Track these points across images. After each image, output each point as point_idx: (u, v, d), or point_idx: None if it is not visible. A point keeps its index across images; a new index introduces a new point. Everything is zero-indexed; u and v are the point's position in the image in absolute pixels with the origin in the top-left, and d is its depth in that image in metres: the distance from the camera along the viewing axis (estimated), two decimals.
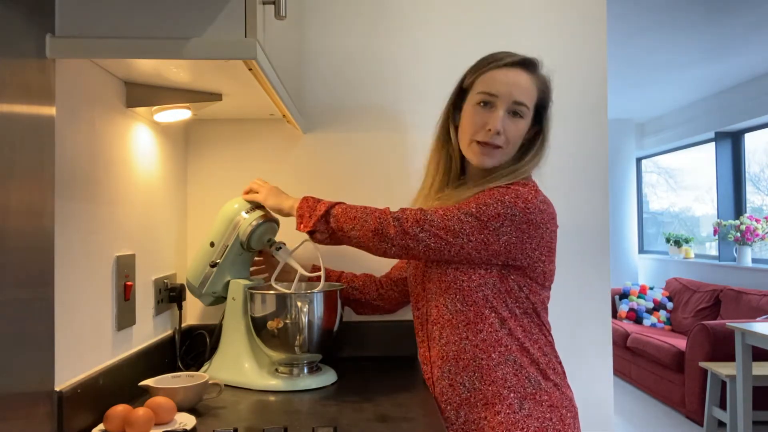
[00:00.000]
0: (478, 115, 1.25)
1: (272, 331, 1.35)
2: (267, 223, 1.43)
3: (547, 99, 1.29)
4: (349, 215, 1.26)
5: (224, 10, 0.97)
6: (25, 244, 0.88)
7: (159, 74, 1.18)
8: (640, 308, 5.60)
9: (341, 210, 1.27)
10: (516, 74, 1.24)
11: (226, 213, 1.44)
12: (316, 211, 1.28)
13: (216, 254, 1.43)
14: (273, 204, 1.38)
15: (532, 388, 1.20)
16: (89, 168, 1.12)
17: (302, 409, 1.22)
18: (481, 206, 1.19)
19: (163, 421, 1.06)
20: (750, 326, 3.39)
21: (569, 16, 1.74)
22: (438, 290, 1.27)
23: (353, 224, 1.25)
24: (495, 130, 1.22)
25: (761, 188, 5.74)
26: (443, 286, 1.26)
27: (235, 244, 1.43)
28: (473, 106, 1.26)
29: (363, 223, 1.24)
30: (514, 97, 1.23)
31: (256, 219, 1.41)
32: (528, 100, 1.24)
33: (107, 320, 1.19)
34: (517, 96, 1.23)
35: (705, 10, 3.70)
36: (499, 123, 1.22)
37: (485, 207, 1.19)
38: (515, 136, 1.25)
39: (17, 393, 0.86)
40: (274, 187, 1.42)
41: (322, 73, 1.71)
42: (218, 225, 1.44)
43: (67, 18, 0.96)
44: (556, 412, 1.20)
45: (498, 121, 1.22)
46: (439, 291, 1.27)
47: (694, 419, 4.21)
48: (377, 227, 1.22)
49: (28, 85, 0.90)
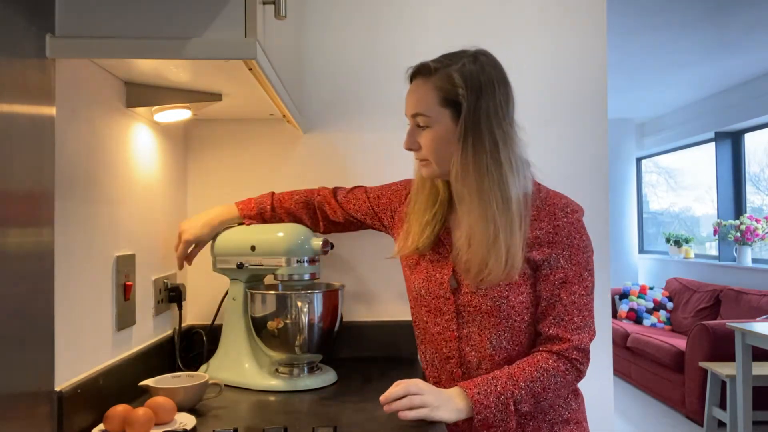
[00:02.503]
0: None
1: (272, 331, 1.35)
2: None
3: (455, 92, 1.16)
4: (535, 393, 1.13)
5: (224, 10, 0.97)
6: (25, 243, 0.88)
7: (159, 74, 1.18)
8: (640, 308, 5.60)
9: (528, 394, 1.13)
10: (413, 87, 1.22)
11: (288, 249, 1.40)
12: (507, 414, 1.12)
13: (249, 262, 1.42)
14: (446, 417, 1.10)
15: (566, 413, 1.22)
16: (89, 168, 1.12)
17: (302, 409, 1.22)
18: (586, 272, 1.19)
19: (163, 421, 1.06)
20: (750, 326, 3.39)
21: (569, 16, 1.74)
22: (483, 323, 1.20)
23: (546, 396, 1.14)
24: (404, 147, 1.24)
25: (761, 188, 5.74)
26: (492, 321, 1.19)
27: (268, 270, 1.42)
28: None
29: (556, 389, 1.15)
30: (410, 112, 1.22)
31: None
32: (423, 107, 1.18)
33: (107, 320, 1.18)
34: (411, 110, 1.21)
35: (705, 10, 3.69)
36: (406, 141, 1.23)
37: (588, 271, 1.19)
38: (429, 147, 1.20)
39: (17, 393, 0.86)
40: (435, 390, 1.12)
41: (322, 73, 1.71)
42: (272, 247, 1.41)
43: (67, 18, 0.96)
44: (581, 427, 1.24)
45: (406, 139, 1.23)
46: (485, 325, 1.20)
47: (694, 419, 4.21)
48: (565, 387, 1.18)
49: (28, 85, 0.90)
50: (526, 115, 1.74)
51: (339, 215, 1.48)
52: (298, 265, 1.39)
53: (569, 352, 1.15)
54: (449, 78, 1.17)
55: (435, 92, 1.17)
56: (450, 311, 1.23)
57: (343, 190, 1.51)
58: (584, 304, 1.17)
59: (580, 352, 1.16)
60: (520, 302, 1.18)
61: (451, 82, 1.17)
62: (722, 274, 5.40)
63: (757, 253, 5.35)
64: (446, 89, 1.17)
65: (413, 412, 1.06)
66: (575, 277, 1.17)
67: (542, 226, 1.18)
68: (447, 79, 1.17)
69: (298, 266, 1.39)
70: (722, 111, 5.62)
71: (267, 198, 1.50)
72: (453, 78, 1.17)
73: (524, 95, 1.74)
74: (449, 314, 1.24)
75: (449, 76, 1.17)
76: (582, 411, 1.27)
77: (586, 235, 1.21)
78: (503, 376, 1.13)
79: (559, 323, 1.16)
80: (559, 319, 1.16)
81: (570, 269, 1.17)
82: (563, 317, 1.16)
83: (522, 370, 1.14)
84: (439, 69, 1.18)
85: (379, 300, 1.70)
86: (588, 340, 1.17)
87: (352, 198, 1.47)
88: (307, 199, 1.49)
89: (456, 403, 1.10)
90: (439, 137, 1.19)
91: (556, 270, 1.17)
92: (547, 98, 1.74)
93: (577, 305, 1.16)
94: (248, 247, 1.41)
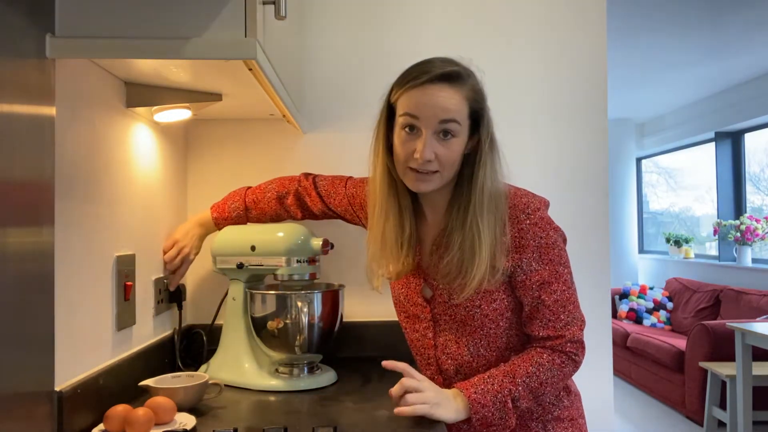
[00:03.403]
0: (407, 141, 1.12)
1: (272, 331, 1.35)
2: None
3: (480, 106, 1.15)
4: (532, 388, 1.13)
5: (224, 10, 0.97)
6: (25, 244, 0.88)
7: (159, 74, 1.18)
8: (640, 308, 5.60)
9: (525, 389, 1.12)
10: (436, 91, 1.10)
11: (288, 249, 1.40)
12: (506, 412, 1.11)
13: (249, 262, 1.42)
14: (445, 416, 1.09)
15: (557, 411, 1.21)
16: (89, 168, 1.11)
17: (302, 409, 1.21)
18: (560, 267, 1.16)
19: (163, 421, 1.06)
20: (750, 326, 3.39)
21: (569, 16, 1.74)
22: (459, 331, 1.20)
23: (544, 390, 1.14)
24: (423, 158, 1.10)
25: (761, 188, 5.73)
26: (467, 330, 1.19)
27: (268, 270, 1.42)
28: (401, 130, 1.14)
29: (553, 382, 1.14)
30: (440, 117, 1.09)
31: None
32: (457, 114, 1.11)
33: (107, 320, 1.18)
34: (443, 115, 1.09)
35: (705, 10, 3.69)
36: (426, 151, 1.09)
37: (562, 265, 1.16)
38: (449, 159, 1.12)
39: (17, 393, 0.86)
40: (436, 390, 1.12)
41: (322, 73, 1.71)
42: (272, 247, 1.41)
43: (67, 18, 0.96)
44: (576, 424, 1.23)
45: (425, 149, 1.09)
46: (461, 333, 1.20)
47: (694, 419, 4.21)
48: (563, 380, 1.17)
49: (28, 85, 0.90)
50: (526, 115, 1.75)
51: (317, 208, 1.48)
52: (298, 265, 1.39)
53: (563, 346, 1.15)
54: (475, 90, 1.14)
55: (466, 102, 1.12)
56: (426, 319, 1.24)
57: (323, 181, 1.48)
58: (567, 299, 1.16)
59: (575, 344, 1.15)
60: (493, 309, 1.17)
61: (479, 95, 1.15)
62: (722, 274, 5.40)
63: (757, 253, 5.35)
64: (476, 102, 1.14)
65: (409, 408, 1.05)
66: (551, 276, 1.15)
67: (507, 231, 1.15)
68: (474, 91, 1.14)
69: (298, 266, 1.39)
70: (722, 111, 5.62)
71: (240, 202, 1.50)
72: (479, 90, 1.15)
73: (524, 95, 1.75)
74: (426, 322, 1.24)
75: (476, 88, 1.14)
76: (577, 408, 1.25)
77: (552, 229, 1.17)
78: (499, 374, 1.13)
79: (547, 325, 1.15)
80: (546, 321, 1.15)
81: (544, 269, 1.15)
82: (550, 318, 1.15)
83: (518, 366, 1.13)
84: (466, 79, 1.13)
85: (379, 300, 1.70)
86: (579, 330, 1.16)
87: (333, 192, 1.46)
88: (280, 194, 1.49)
89: (456, 403, 1.10)
90: (457, 151, 1.14)
91: (531, 273, 1.15)
92: (547, 98, 1.74)
93: (560, 302, 1.15)
94: (248, 247, 1.41)
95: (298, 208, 1.49)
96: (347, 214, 1.46)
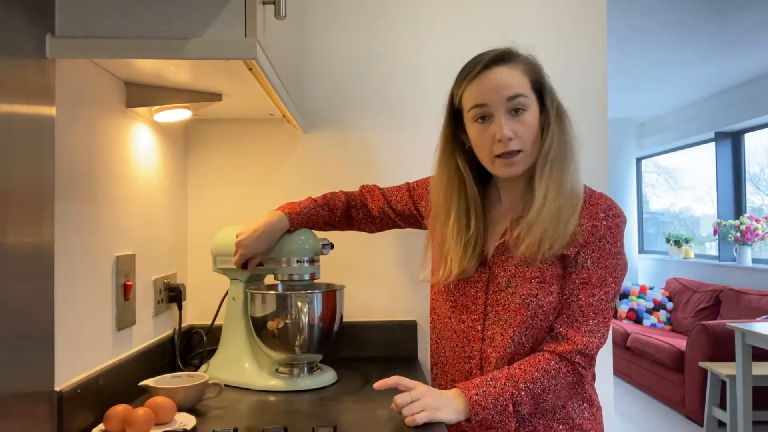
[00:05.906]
0: (483, 131, 1.15)
1: (272, 331, 1.35)
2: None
3: (540, 76, 1.18)
4: (535, 394, 1.11)
5: (224, 10, 0.97)
6: (25, 244, 0.88)
7: (159, 74, 1.18)
8: (640, 308, 5.60)
9: (527, 395, 1.11)
10: (495, 74, 1.14)
11: (288, 249, 1.40)
12: (506, 416, 1.10)
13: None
14: (446, 417, 1.09)
15: (579, 420, 1.17)
16: (89, 168, 1.12)
17: (302, 409, 1.22)
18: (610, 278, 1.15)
19: (163, 421, 1.06)
20: (750, 326, 3.39)
21: (569, 16, 1.74)
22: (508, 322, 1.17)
23: (546, 397, 1.12)
24: (504, 137, 1.12)
25: (761, 188, 5.73)
26: (518, 319, 1.16)
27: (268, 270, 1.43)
28: (473, 125, 1.17)
29: (556, 390, 1.12)
30: (505, 95, 1.12)
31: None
32: (521, 89, 1.14)
33: (107, 320, 1.18)
34: (507, 93, 1.13)
35: (705, 10, 3.69)
36: (505, 129, 1.12)
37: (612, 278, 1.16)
38: (528, 133, 1.14)
39: (17, 393, 0.86)
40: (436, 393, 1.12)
41: (322, 73, 1.71)
42: (279, 251, 1.40)
43: (67, 18, 0.96)
44: None
45: (502, 128, 1.12)
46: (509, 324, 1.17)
47: (694, 419, 4.21)
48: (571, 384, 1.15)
49: (28, 85, 0.90)
50: None
51: (377, 206, 1.44)
52: (298, 265, 1.39)
53: (572, 356, 1.11)
54: (531, 63, 1.18)
55: (525, 76, 1.15)
56: (478, 311, 1.20)
57: (386, 187, 1.48)
58: (601, 310, 1.14)
59: (584, 357, 1.12)
60: (549, 302, 1.15)
61: (535, 67, 1.18)
62: (722, 274, 5.40)
63: (757, 253, 5.35)
64: (535, 73, 1.17)
65: (410, 419, 1.06)
66: (598, 281, 1.14)
67: (581, 223, 1.16)
68: (531, 64, 1.17)
69: (298, 266, 1.39)
70: (722, 111, 5.62)
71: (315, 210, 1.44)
72: (535, 62, 1.18)
73: None
74: (477, 314, 1.20)
75: (531, 62, 1.18)
76: (599, 422, 1.22)
77: (621, 243, 1.17)
78: (502, 377, 1.11)
79: (572, 323, 1.13)
80: (572, 319, 1.13)
81: (595, 271, 1.14)
82: (577, 317, 1.13)
83: (522, 370, 1.11)
84: (518, 55, 1.17)
85: (379, 300, 1.70)
86: (595, 346, 1.13)
87: (396, 191, 1.45)
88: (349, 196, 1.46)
89: (456, 403, 1.09)
90: (533, 124, 1.15)
91: (581, 269, 1.15)
92: None
93: (594, 308, 1.13)
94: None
95: (359, 210, 1.46)
96: (406, 209, 1.42)
